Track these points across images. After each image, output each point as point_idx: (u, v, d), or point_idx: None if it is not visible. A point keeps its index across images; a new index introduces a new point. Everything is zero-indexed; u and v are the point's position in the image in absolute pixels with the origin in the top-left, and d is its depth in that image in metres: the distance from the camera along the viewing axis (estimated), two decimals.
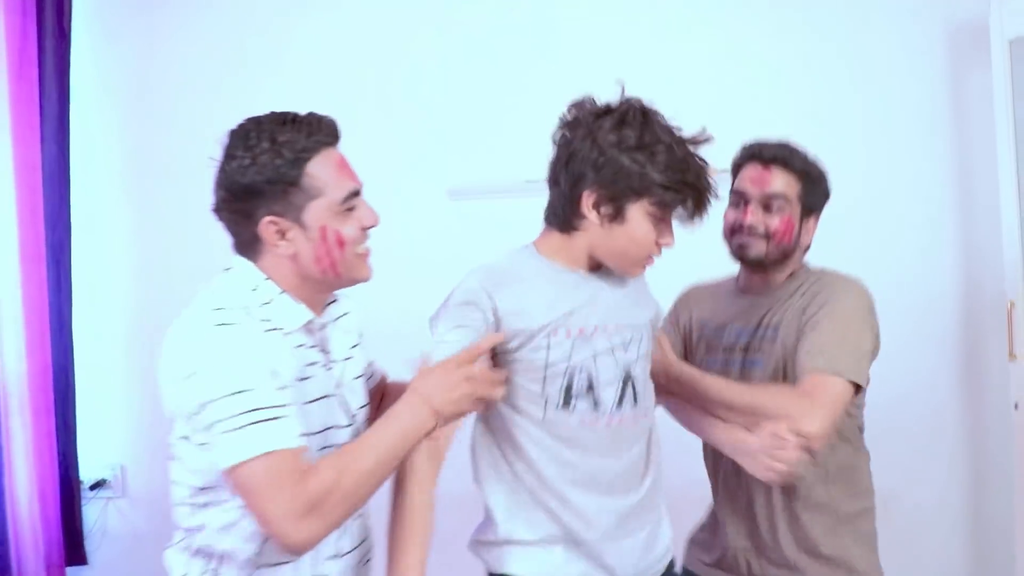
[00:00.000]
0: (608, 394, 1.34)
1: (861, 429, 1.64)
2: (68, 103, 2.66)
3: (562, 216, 1.33)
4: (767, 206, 1.58)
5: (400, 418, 1.21)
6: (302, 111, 1.23)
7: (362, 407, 1.35)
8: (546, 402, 1.32)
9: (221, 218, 1.25)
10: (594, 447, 1.33)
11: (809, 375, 1.45)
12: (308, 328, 1.26)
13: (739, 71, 2.51)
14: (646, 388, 1.41)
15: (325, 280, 1.25)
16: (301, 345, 1.24)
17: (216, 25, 2.74)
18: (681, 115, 1.30)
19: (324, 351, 1.29)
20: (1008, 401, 2.19)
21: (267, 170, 1.17)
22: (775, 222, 1.58)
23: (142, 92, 2.77)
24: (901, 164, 2.47)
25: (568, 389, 1.32)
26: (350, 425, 1.30)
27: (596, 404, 1.33)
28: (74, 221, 2.69)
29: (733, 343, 1.63)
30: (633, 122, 1.27)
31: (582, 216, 1.31)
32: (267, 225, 1.20)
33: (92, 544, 2.77)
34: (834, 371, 1.45)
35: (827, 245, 1.67)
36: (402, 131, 2.62)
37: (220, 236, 1.31)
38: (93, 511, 2.79)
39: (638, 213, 1.29)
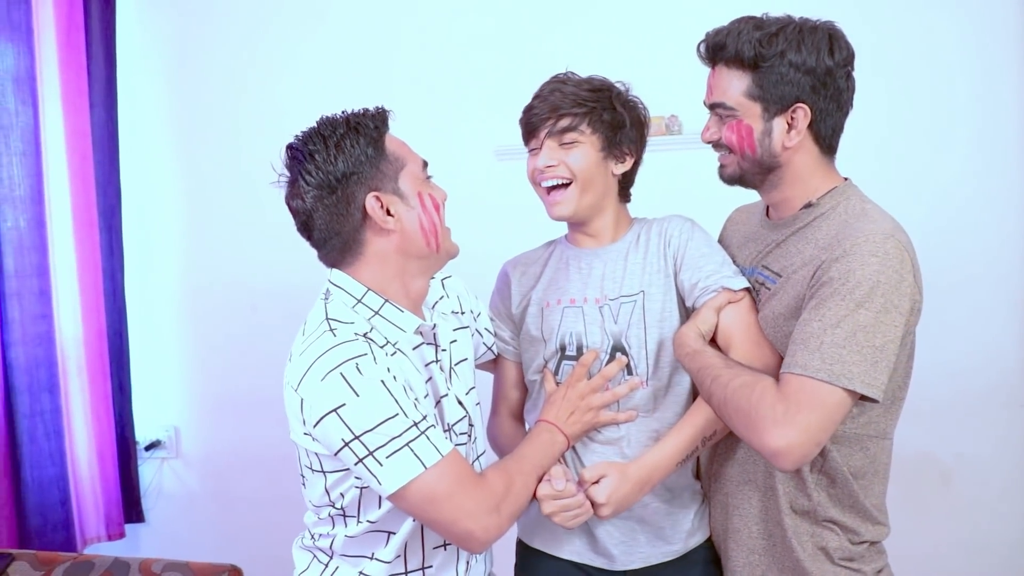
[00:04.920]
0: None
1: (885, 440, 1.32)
2: (115, 67, 2.66)
3: None
4: (720, 117, 1.32)
5: (548, 445, 1.35)
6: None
7: (468, 392, 1.41)
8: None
9: (312, 225, 1.27)
10: None
11: (798, 377, 1.15)
12: (419, 329, 1.32)
13: None
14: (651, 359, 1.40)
15: (428, 255, 1.31)
16: (418, 346, 1.32)
17: None
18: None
19: (435, 344, 1.35)
20: None
21: (356, 150, 1.24)
22: (724, 134, 1.31)
23: (188, 53, 2.76)
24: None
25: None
26: (464, 417, 1.37)
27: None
28: (124, 185, 2.70)
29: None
30: None
31: None
32: (373, 201, 1.25)
33: (148, 502, 2.84)
34: (831, 376, 1.13)
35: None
36: (450, 93, 2.58)
37: (270, 195, 1.30)
38: (149, 471, 2.85)
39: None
